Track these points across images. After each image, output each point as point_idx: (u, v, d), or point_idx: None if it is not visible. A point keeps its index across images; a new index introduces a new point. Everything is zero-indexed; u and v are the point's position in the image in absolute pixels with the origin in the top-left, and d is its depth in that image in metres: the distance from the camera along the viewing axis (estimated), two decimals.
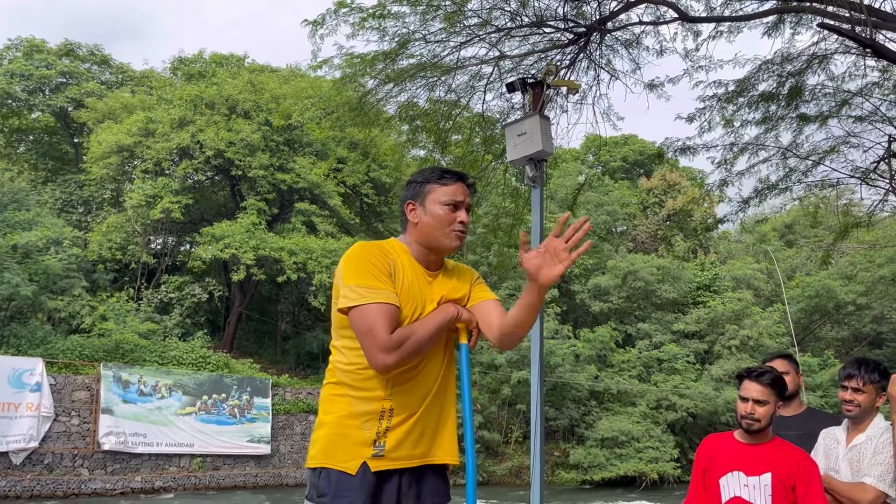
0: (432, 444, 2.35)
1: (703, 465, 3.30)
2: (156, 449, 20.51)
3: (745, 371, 3.27)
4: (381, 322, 2.20)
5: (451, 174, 2.44)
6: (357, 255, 2.32)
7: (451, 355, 2.47)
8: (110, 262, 26.82)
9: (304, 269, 25.50)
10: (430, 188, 2.42)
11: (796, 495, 3.05)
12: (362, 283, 2.25)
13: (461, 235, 2.40)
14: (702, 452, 3.35)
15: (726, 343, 30.47)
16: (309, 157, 28.69)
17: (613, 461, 26.61)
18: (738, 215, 8.94)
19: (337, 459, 2.26)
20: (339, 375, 2.34)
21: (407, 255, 2.41)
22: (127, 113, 28.78)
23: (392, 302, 2.24)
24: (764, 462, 3.14)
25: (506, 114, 8.13)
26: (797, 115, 7.82)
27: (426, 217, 2.40)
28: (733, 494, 3.14)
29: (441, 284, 2.44)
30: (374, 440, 2.25)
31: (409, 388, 2.30)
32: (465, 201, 2.42)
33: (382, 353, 2.18)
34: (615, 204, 36.29)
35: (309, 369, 28.46)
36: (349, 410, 2.29)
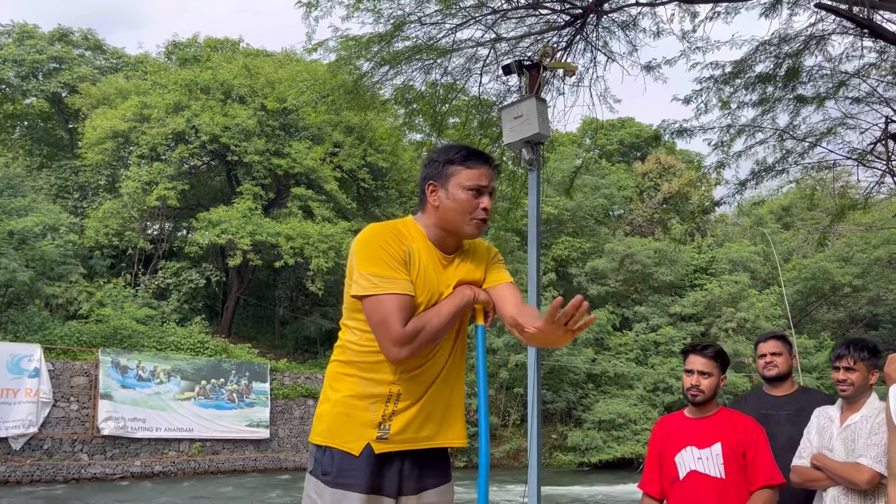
0: (439, 427, 2.32)
1: (658, 447, 3.41)
2: (155, 434, 20.59)
3: (690, 346, 3.44)
4: (395, 314, 2.15)
5: (477, 156, 2.34)
6: (371, 240, 2.25)
7: (463, 337, 2.44)
8: (107, 248, 26.77)
9: (302, 255, 25.48)
10: (455, 170, 2.32)
11: (746, 461, 3.19)
12: (376, 272, 2.19)
13: (482, 224, 2.32)
14: (656, 434, 3.46)
15: (723, 325, 30.58)
16: (305, 142, 28.58)
17: (611, 443, 26.79)
18: (734, 198, 8.96)
19: (341, 439, 2.25)
20: (348, 355, 2.31)
21: (423, 238, 2.34)
22: (121, 98, 28.60)
23: (407, 292, 2.19)
24: (712, 433, 3.26)
25: (502, 97, 8.09)
26: (794, 97, 7.80)
27: (448, 201, 2.31)
28: (689, 469, 3.25)
29: (457, 268, 2.38)
30: (380, 423, 2.24)
31: (419, 373, 2.27)
32: (489, 186, 2.32)
33: (396, 346, 2.15)
34: (612, 187, 36.26)
35: (307, 354, 28.52)
36: (357, 391, 2.27)
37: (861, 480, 3.20)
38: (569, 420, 28.90)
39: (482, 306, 2.38)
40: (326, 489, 2.24)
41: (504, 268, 2.49)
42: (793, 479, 3.47)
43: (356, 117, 10.23)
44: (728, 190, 8.93)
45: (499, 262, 2.49)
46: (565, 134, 39.33)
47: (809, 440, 3.49)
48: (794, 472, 3.48)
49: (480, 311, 2.39)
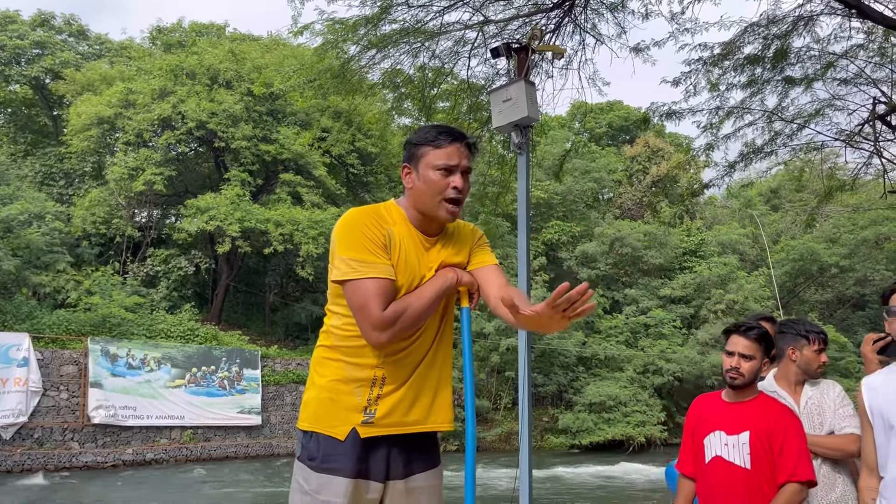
0: (426, 411, 2.32)
1: (691, 426, 3.33)
2: (146, 422, 20.58)
3: (734, 326, 3.26)
4: (375, 298, 2.15)
5: (446, 134, 2.29)
6: (350, 225, 2.24)
7: (449, 319, 2.42)
8: (94, 237, 26.62)
9: (291, 241, 25.41)
10: (424, 151, 2.29)
11: (774, 452, 3.05)
12: (355, 256, 2.19)
13: (454, 204, 2.27)
14: (691, 413, 3.37)
15: (712, 307, 30.79)
16: (293, 128, 28.41)
17: (601, 426, 27.00)
18: (723, 180, 8.97)
19: (326, 424, 2.26)
20: (333, 340, 2.31)
21: (404, 221, 2.33)
22: (106, 84, 28.31)
23: (386, 276, 2.19)
24: (744, 420, 3.14)
25: (491, 80, 8.06)
26: (783, 78, 7.81)
27: (419, 183, 2.29)
28: (715, 454, 3.16)
29: (440, 251, 2.36)
30: (365, 407, 2.24)
31: (403, 357, 2.27)
32: (460, 165, 2.27)
33: (376, 330, 2.15)
34: (602, 171, 36.29)
35: (298, 340, 28.53)
36: (342, 375, 2.27)
37: (856, 450, 3.24)
38: (560, 403, 29.09)
39: (466, 288, 2.37)
40: (313, 474, 2.25)
41: (489, 250, 2.47)
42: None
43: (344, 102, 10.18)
44: (717, 172, 8.95)
45: (483, 245, 2.48)
46: (554, 117, 39.35)
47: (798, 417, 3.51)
48: None
49: (465, 294, 2.38)
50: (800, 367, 3.49)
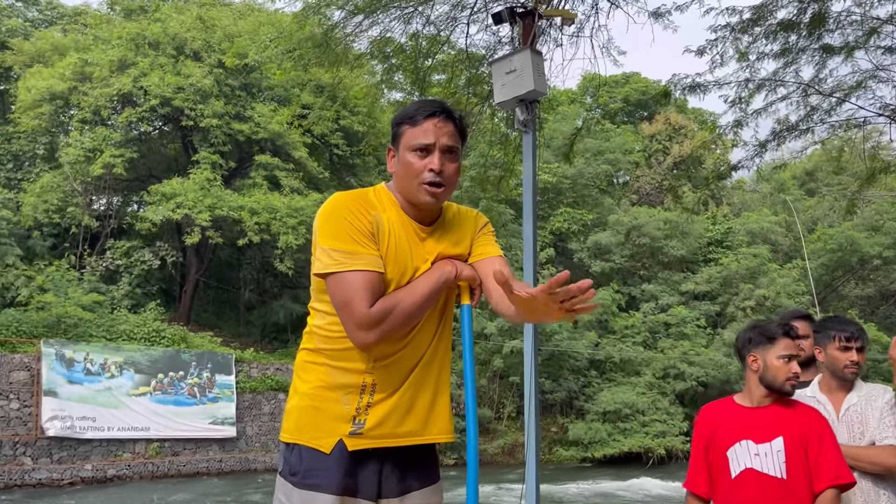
0: (423, 421, 2.30)
1: (705, 439, 3.29)
2: (107, 434, 20.60)
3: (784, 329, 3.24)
4: (360, 294, 2.13)
5: (423, 108, 2.26)
6: (333, 211, 2.22)
7: (448, 318, 2.40)
8: (47, 227, 26.56)
9: (268, 231, 25.39)
10: (403, 130, 2.28)
11: (809, 458, 3.07)
12: (339, 247, 2.17)
13: (434, 188, 2.23)
14: (702, 424, 3.34)
15: (740, 304, 30.85)
16: (269, 104, 28.34)
17: (616, 436, 27.08)
18: (753, 161, 8.97)
19: (310, 435, 2.25)
20: (317, 342, 2.30)
21: (395, 207, 2.31)
22: (59, 55, 28.18)
23: (373, 268, 2.17)
24: (773, 425, 3.15)
25: (492, 49, 8.04)
26: (820, 47, 7.79)
27: (398, 167, 2.29)
28: (745, 466, 3.15)
29: (437, 240, 2.35)
30: (354, 416, 2.22)
31: (396, 360, 2.26)
32: (438, 142, 2.23)
33: (361, 329, 2.13)
34: (617, 151, 36.29)
35: (276, 342, 28.54)
36: (327, 381, 2.26)
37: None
38: (570, 411, 29.16)
39: (467, 283, 2.35)
40: (294, 490, 2.24)
41: (493, 240, 2.46)
42: None
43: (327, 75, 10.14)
44: (746, 152, 8.94)
45: (488, 234, 2.46)
46: (564, 91, 39.26)
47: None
48: None
49: (466, 289, 2.36)
50: (827, 367, 3.54)
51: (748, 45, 7.94)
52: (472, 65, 8.31)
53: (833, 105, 8.35)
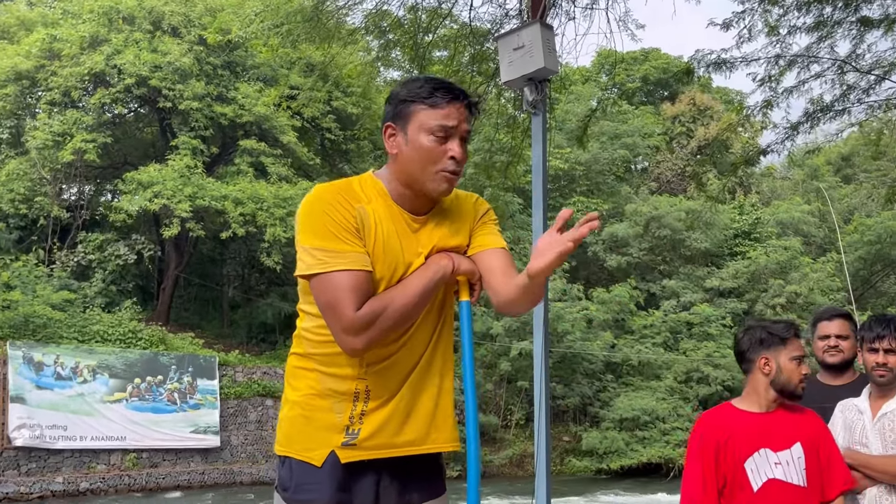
0: (423, 429, 2.30)
1: (712, 450, 3.20)
2: (79, 444, 20.66)
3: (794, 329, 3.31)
4: (347, 295, 2.12)
5: (444, 90, 2.24)
6: (314, 206, 2.22)
7: (447, 317, 2.39)
8: (13, 218, 26.60)
9: (254, 222, 25.40)
10: (416, 108, 2.24)
11: (821, 463, 3.14)
12: (320, 245, 2.17)
13: (452, 177, 2.24)
14: (709, 433, 3.25)
15: (770, 301, 30.85)
16: (255, 84, 28.31)
17: (634, 446, 27.12)
18: (784, 145, 8.96)
19: (300, 447, 2.26)
20: (305, 346, 2.31)
21: (383, 197, 2.29)
22: (25, 31, 28.17)
23: (360, 267, 2.16)
24: (790, 431, 3.17)
25: (499, 23, 8.02)
26: (857, 19, 7.78)
27: (407, 148, 2.24)
28: (767, 477, 3.14)
29: (431, 232, 2.33)
30: (347, 426, 2.23)
31: (390, 364, 2.26)
32: (459, 127, 2.23)
33: (349, 334, 2.13)
34: (635, 135, 36.25)
35: (264, 344, 28.60)
36: (317, 388, 2.26)
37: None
38: (584, 419, 29.20)
39: (466, 278, 2.34)
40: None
41: (496, 229, 2.44)
42: None
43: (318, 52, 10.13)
44: (776, 136, 8.93)
45: (489, 222, 2.44)
46: (577, 69, 39.17)
47: (835, 437, 3.57)
48: None
49: (465, 285, 2.35)
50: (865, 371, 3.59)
51: (778, 18, 7.93)
52: (476, 40, 8.30)
53: (871, 83, 8.34)
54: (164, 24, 27.35)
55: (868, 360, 3.56)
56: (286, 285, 28.52)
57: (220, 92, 27.50)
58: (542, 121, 5.62)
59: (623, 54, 42.13)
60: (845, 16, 7.76)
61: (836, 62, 8.26)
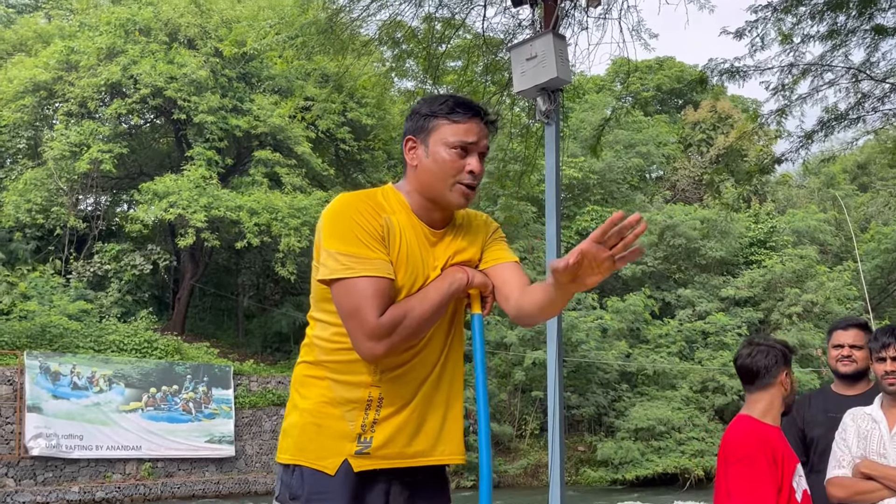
0: (433, 440, 2.33)
1: (769, 460, 3.12)
2: (95, 453, 20.73)
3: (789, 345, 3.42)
4: (370, 301, 2.16)
5: (465, 107, 2.33)
6: (341, 213, 2.27)
7: (459, 328, 2.44)
8: (30, 228, 26.76)
9: (268, 232, 25.49)
10: (437, 124, 2.32)
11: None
12: (347, 251, 2.20)
13: (469, 191, 2.32)
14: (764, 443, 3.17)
15: (786, 310, 30.66)
16: (269, 96, 28.45)
17: (650, 456, 26.98)
18: (799, 153, 8.93)
19: (313, 455, 2.27)
20: (317, 354, 2.33)
21: (405, 209, 2.36)
22: (42, 43, 28.42)
23: (384, 275, 2.21)
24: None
25: (512, 33, 8.06)
26: (871, 28, 7.76)
27: (427, 161, 2.32)
28: (802, 489, 3.20)
29: (447, 245, 2.40)
30: (359, 434, 2.25)
31: (404, 373, 2.29)
32: (478, 143, 2.32)
33: (371, 340, 2.16)
34: (650, 143, 36.18)
35: (278, 353, 28.64)
36: (329, 396, 2.29)
37: None
38: (598, 428, 29.08)
39: (479, 291, 2.39)
40: None
41: (506, 245, 2.51)
42: (834, 493, 3.54)
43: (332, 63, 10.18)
44: (791, 144, 8.91)
45: (499, 239, 2.52)
46: (591, 78, 39.19)
47: (847, 447, 3.56)
48: (835, 485, 3.54)
49: (477, 298, 2.40)
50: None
51: (792, 27, 7.92)
52: (489, 50, 8.34)
53: (886, 91, 8.31)
54: (181, 35, 27.55)
55: (877, 370, 3.58)
56: (301, 295, 28.57)
57: (234, 104, 27.65)
58: (555, 130, 5.64)
59: (637, 63, 42.12)
60: (859, 24, 7.75)
61: (850, 70, 8.24)
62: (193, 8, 27.78)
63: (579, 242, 1.94)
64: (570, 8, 6.93)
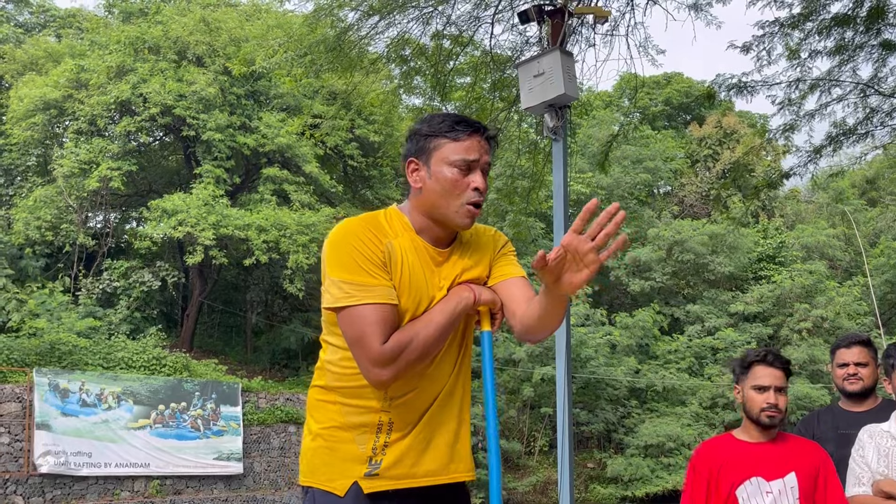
0: (443, 459, 2.35)
1: (706, 478, 3.34)
2: (104, 471, 20.71)
3: (756, 355, 3.36)
4: (374, 329, 2.17)
5: (464, 124, 2.33)
6: (342, 240, 2.27)
7: (468, 347, 2.45)
8: (40, 245, 26.88)
9: (277, 249, 25.53)
10: (438, 143, 2.32)
11: (817, 493, 3.17)
12: (349, 279, 2.22)
13: (475, 209, 2.31)
14: (703, 462, 3.40)
15: (795, 326, 30.55)
16: (278, 114, 28.58)
17: (660, 473, 26.84)
18: (807, 168, 8.93)
19: (324, 477, 2.31)
20: (328, 379, 2.36)
21: (408, 231, 2.36)
22: (53, 62, 28.64)
23: (388, 301, 2.21)
24: (785, 460, 3.23)
25: (519, 50, 8.09)
26: (879, 43, 7.77)
27: (431, 182, 2.31)
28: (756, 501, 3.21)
29: (453, 265, 2.39)
30: (370, 457, 2.28)
31: (413, 397, 2.31)
32: (480, 160, 2.31)
33: (376, 367, 2.17)
34: (657, 159, 36.19)
35: (286, 370, 28.63)
36: (340, 421, 2.32)
37: None
38: (608, 445, 28.94)
39: (487, 308, 2.39)
40: None
41: (515, 260, 2.51)
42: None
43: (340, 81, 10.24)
44: (799, 159, 8.90)
45: (508, 254, 2.51)
46: (598, 94, 39.29)
47: (867, 464, 3.53)
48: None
49: (486, 315, 2.40)
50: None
51: (799, 42, 7.94)
52: (497, 67, 8.37)
53: (895, 106, 8.31)
54: (189, 53, 27.73)
55: (886, 387, 3.55)
56: (309, 311, 28.59)
57: (243, 121, 27.78)
58: (562, 146, 5.65)
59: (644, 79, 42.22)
60: (867, 39, 7.76)
61: (858, 85, 8.24)
62: (202, 26, 27.97)
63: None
64: (577, 25, 6.97)
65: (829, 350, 4.32)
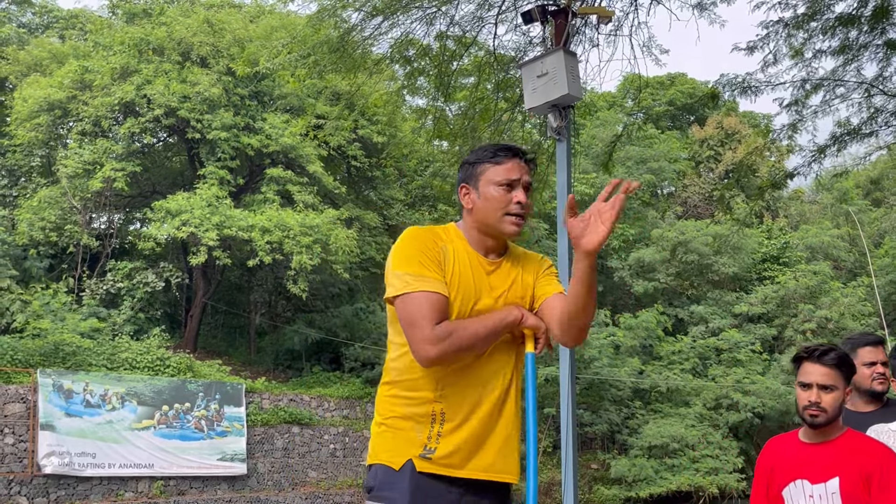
0: (491, 458, 2.68)
1: (765, 476, 3.34)
2: (108, 471, 20.73)
3: (804, 351, 3.27)
4: (427, 312, 2.53)
5: (506, 150, 2.74)
6: (405, 241, 2.68)
7: (520, 362, 2.77)
8: (44, 246, 26.92)
9: (280, 250, 25.53)
10: (483, 168, 2.74)
11: (871, 495, 3.03)
12: (408, 270, 2.60)
13: (519, 220, 2.70)
14: (764, 459, 3.40)
15: (800, 327, 30.49)
16: (281, 115, 28.59)
17: (664, 473, 26.80)
18: (811, 168, 8.92)
19: (385, 456, 2.65)
20: (392, 375, 2.73)
21: (462, 241, 2.76)
22: (57, 63, 28.68)
23: (439, 291, 2.58)
24: (830, 465, 3.14)
25: (522, 50, 8.08)
26: (884, 42, 7.75)
27: (480, 201, 2.73)
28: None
29: (502, 275, 2.77)
30: (425, 444, 2.61)
31: (462, 389, 2.64)
32: (521, 179, 2.71)
33: (426, 343, 2.51)
34: (661, 159, 36.16)
35: (290, 371, 28.63)
36: (400, 412, 2.67)
37: None
38: (612, 446, 28.91)
39: (532, 332, 2.72)
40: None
41: (556, 279, 2.86)
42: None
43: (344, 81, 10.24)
44: (803, 159, 8.89)
45: (550, 274, 2.86)
46: (602, 95, 39.28)
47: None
48: None
49: (530, 338, 2.73)
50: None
51: (804, 42, 7.93)
52: (500, 68, 8.37)
53: None
54: (193, 54, 27.76)
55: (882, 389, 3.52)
56: (313, 312, 28.59)
57: (247, 122, 27.80)
58: (566, 147, 5.64)
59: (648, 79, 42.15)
60: (871, 39, 7.74)
61: (862, 84, 8.23)
62: (206, 27, 28.00)
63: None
64: (580, 25, 6.96)
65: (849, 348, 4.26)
